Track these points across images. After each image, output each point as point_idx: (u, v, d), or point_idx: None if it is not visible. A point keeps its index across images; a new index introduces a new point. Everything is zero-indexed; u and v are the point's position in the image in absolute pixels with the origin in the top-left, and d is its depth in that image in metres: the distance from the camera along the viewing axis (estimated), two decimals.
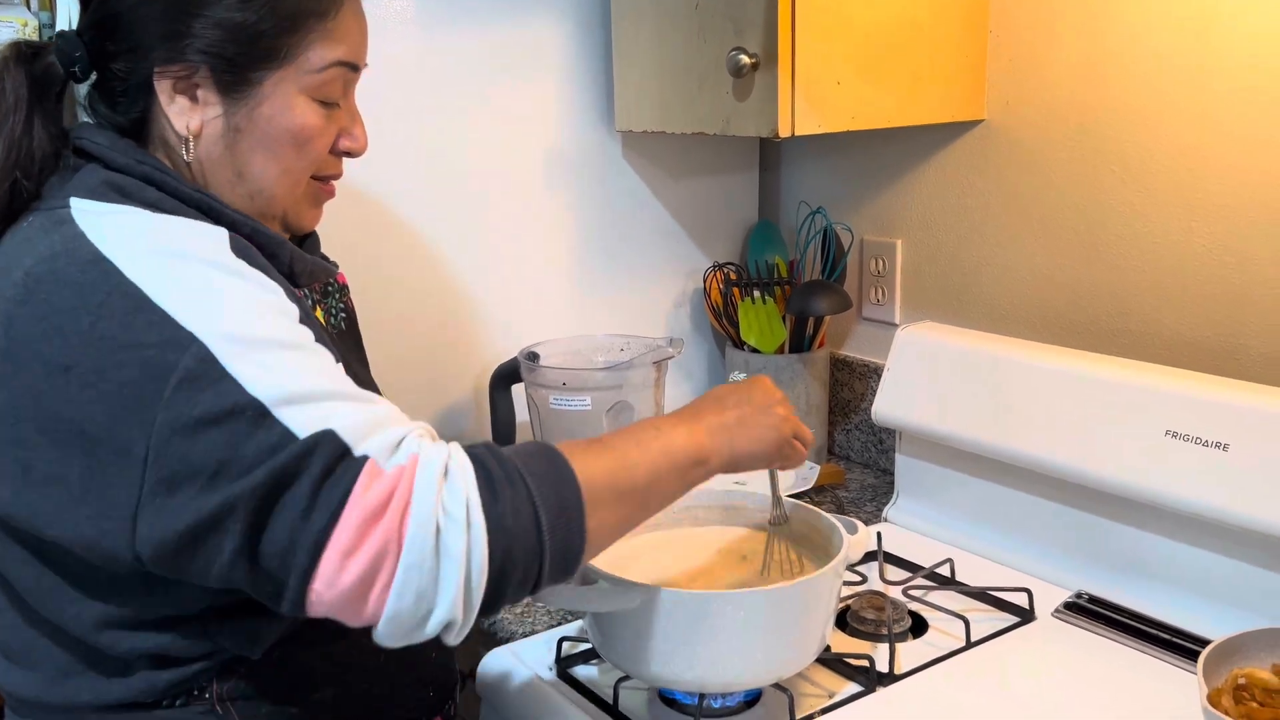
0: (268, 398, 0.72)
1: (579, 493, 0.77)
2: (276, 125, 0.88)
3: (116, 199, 0.83)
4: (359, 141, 0.96)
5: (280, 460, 0.70)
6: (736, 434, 0.92)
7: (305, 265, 0.94)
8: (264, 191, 0.91)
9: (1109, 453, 1.17)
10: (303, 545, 0.70)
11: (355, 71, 0.93)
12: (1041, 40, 1.35)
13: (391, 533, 0.70)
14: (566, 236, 1.55)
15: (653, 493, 0.85)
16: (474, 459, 0.75)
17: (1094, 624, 1.15)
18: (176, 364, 0.72)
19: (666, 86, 1.39)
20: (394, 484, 0.71)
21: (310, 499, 0.70)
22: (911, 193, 1.55)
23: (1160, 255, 1.28)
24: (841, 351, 1.69)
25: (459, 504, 0.72)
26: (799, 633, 0.98)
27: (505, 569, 0.73)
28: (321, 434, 0.72)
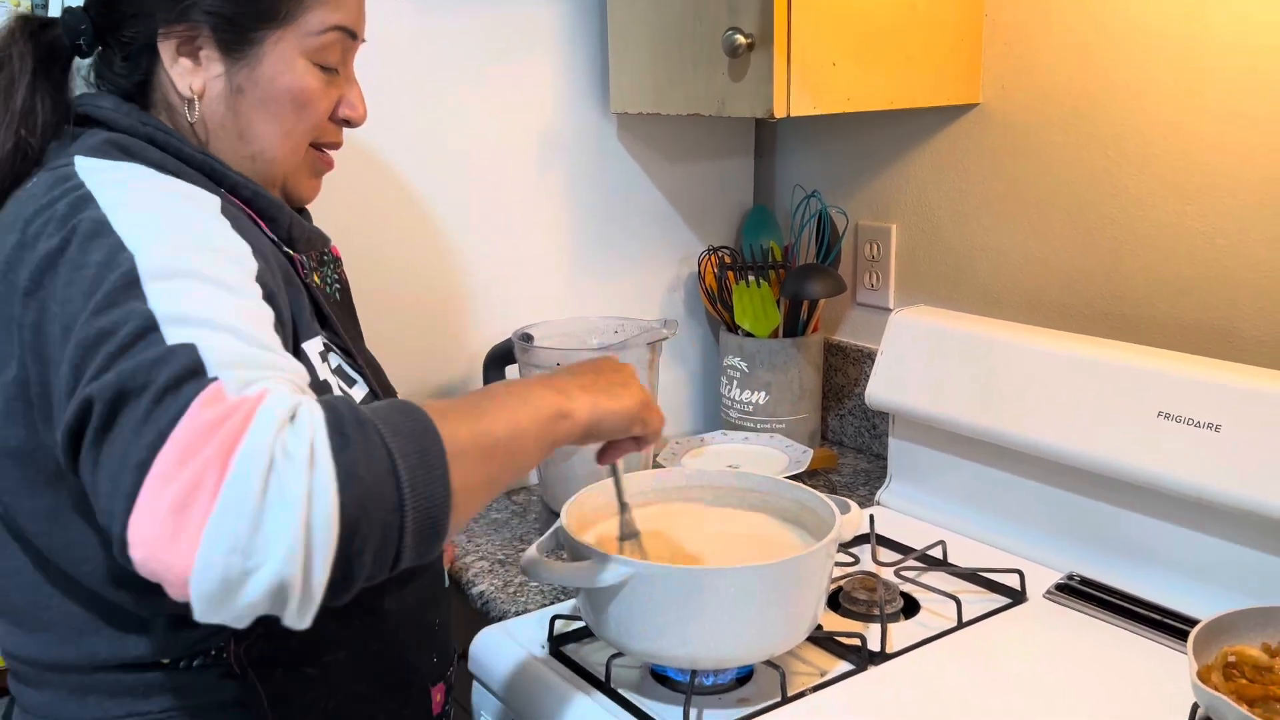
0: (163, 314, 0.69)
1: (439, 442, 0.69)
2: (277, 85, 0.91)
3: (120, 156, 0.84)
4: (357, 110, 0.98)
5: (134, 363, 0.66)
6: (598, 393, 0.87)
7: (303, 232, 0.95)
8: (265, 153, 0.93)
9: (1101, 434, 1.17)
10: (130, 461, 0.63)
11: (353, 39, 0.95)
12: (1036, 23, 1.35)
13: (212, 459, 0.61)
14: (561, 218, 1.55)
15: (515, 447, 0.77)
16: (325, 405, 0.67)
17: (1085, 605, 1.16)
18: (103, 281, 0.71)
19: (662, 67, 1.39)
20: (231, 411, 0.63)
21: (146, 413, 0.64)
22: (906, 177, 1.55)
23: (1153, 238, 1.28)
24: (836, 336, 1.69)
25: (302, 444, 0.63)
26: (791, 609, 0.98)
27: (358, 524, 0.64)
28: (180, 346, 0.66)
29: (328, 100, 0.94)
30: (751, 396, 1.59)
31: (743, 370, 1.59)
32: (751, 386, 1.59)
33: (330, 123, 0.96)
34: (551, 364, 1.33)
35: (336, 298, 1.04)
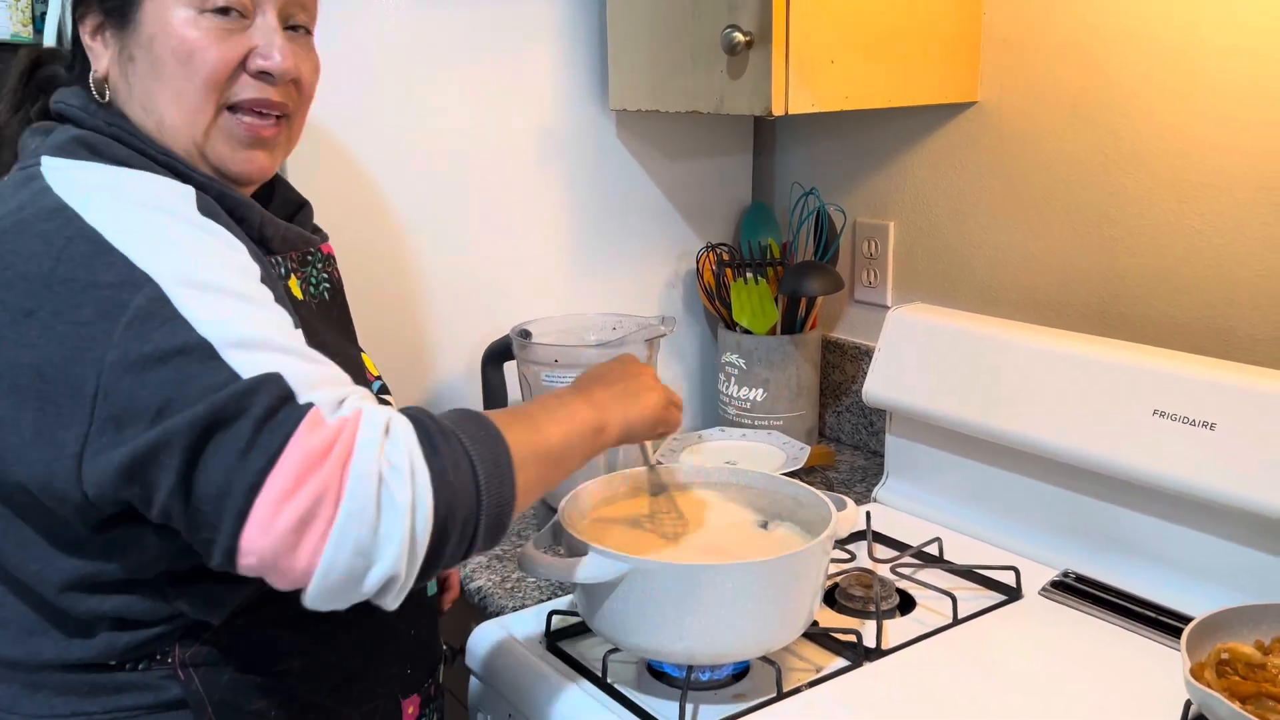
0: (217, 339, 0.72)
1: (508, 450, 0.79)
2: (159, 44, 0.86)
3: (85, 155, 0.84)
4: (272, 60, 0.88)
5: (222, 397, 0.70)
6: (626, 404, 0.96)
7: (277, 231, 0.93)
8: (165, 121, 0.87)
9: (1097, 432, 1.17)
10: (239, 486, 0.69)
11: None
12: (1034, 24, 1.35)
13: (331, 479, 0.69)
14: (560, 215, 1.56)
15: (564, 457, 0.88)
16: (413, 419, 0.76)
17: (1080, 602, 1.16)
18: (129, 303, 0.72)
19: (661, 64, 1.39)
20: (337, 433, 0.71)
21: (250, 439, 0.69)
22: (904, 175, 1.56)
23: (1150, 237, 1.29)
24: (833, 334, 1.70)
25: (402, 456, 0.72)
26: (787, 605, 0.99)
27: (448, 523, 0.74)
28: (267, 375, 0.71)
29: (223, 50, 0.86)
30: (749, 393, 1.59)
31: (740, 367, 1.60)
32: (749, 383, 1.59)
33: (245, 79, 0.88)
34: (549, 360, 1.33)
35: (325, 297, 1.02)
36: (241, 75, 0.88)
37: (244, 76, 0.88)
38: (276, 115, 0.91)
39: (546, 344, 1.36)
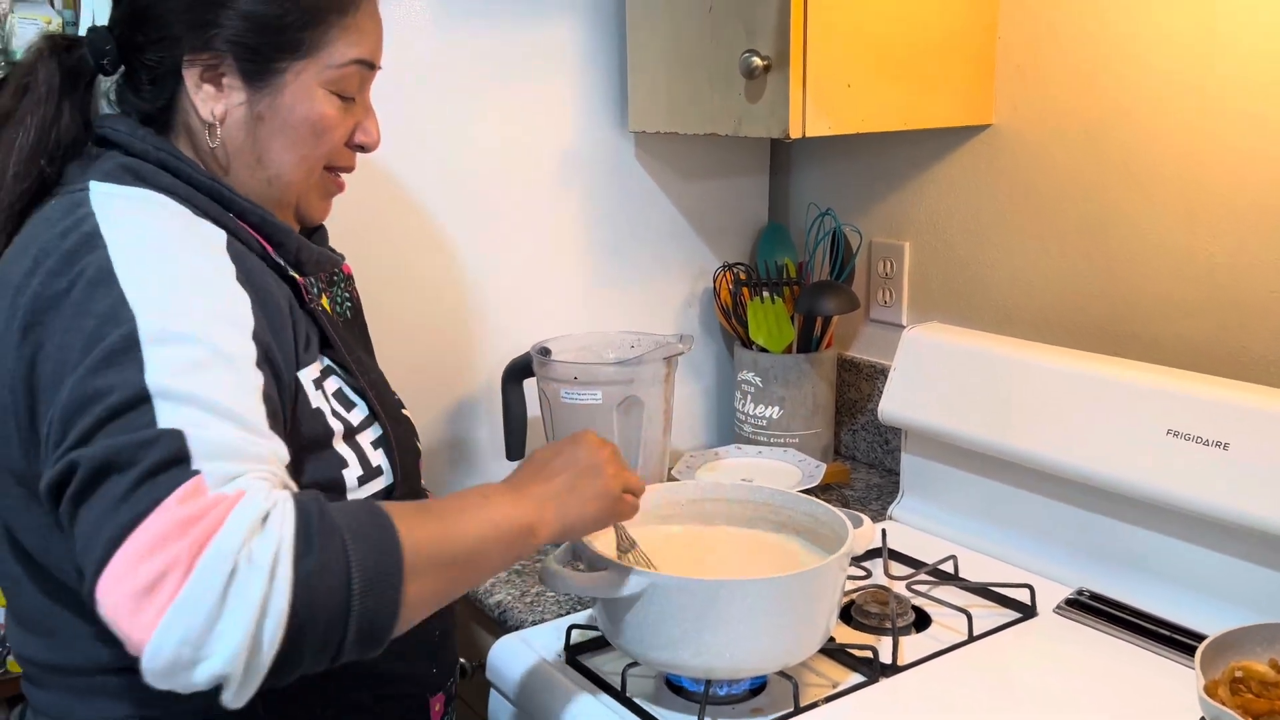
0: (155, 386, 0.73)
1: (399, 559, 0.75)
2: (296, 114, 0.93)
3: (132, 181, 0.87)
4: (372, 136, 1.00)
5: (122, 442, 0.71)
6: (566, 501, 0.92)
7: (311, 255, 0.98)
8: (281, 177, 0.95)
9: (1111, 452, 1.18)
10: (104, 534, 0.69)
11: (371, 70, 0.98)
12: (1048, 48, 1.37)
13: (182, 555, 0.67)
14: (579, 235, 1.58)
15: (476, 563, 0.84)
16: (299, 509, 0.72)
17: (1095, 620, 1.17)
18: (106, 337, 0.75)
19: (679, 87, 1.42)
20: (206, 510, 0.69)
21: (128, 491, 0.69)
22: (920, 196, 1.57)
23: (1163, 260, 1.30)
24: (849, 353, 1.71)
25: (267, 552, 0.68)
26: (804, 621, 1.00)
27: (304, 628, 0.69)
28: (171, 432, 0.72)
29: (344, 127, 0.97)
30: (765, 411, 1.61)
31: (757, 385, 1.61)
32: (765, 401, 1.61)
33: (344, 148, 0.99)
34: (569, 377, 1.35)
35: (347, 315, 1.06)
36: (342, 145, 0.98)
37: (344, 148, 0.99)
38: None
39: (566, 361, 1.38)
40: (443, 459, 1.51)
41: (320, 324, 0.95)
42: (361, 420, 0.94)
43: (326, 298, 1.02)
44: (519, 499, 0.89)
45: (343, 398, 0.94)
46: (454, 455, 1.52)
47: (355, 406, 0.95)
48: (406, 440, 0.99)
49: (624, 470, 0.99)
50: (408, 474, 0.96)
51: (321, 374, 0.93)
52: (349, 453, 0.91)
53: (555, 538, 0.92)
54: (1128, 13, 1.28)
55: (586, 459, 0.95)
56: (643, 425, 1.37)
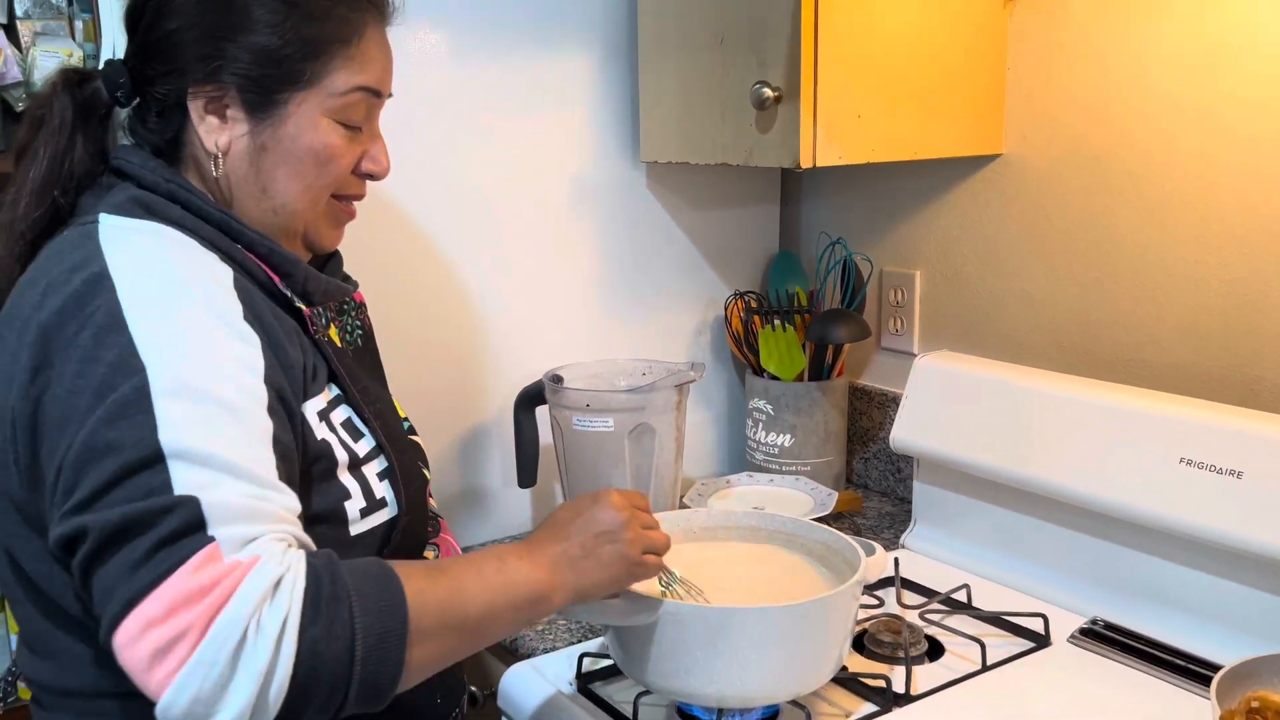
0: (169, 445, 0.75)
1: (405, 625, 0.77)
2: (300, 144, 0.93)
3: (142, 214, 0.88)
4: (380, 164, 1.00)
5: (139, 507, 0.74)
6: (581, 565, 0.91)
7: (320, 285, 0.98)
8: (286, 206, 0.95)
9: (1124, 480, 1.18)
10: (120, 595, 0.72)
11: (378, 97, 0.98)
12: (1058, 77, 1.38)
13: (196, 623, 0.71)
14: (592, 264, 1.59)
15: (485, 627, 0.85)
16: (310, 574, 0.75)
17: (1109, 650, 1.16)
18: (116, 387, 0.77)
19: (691, 118, 1.43)
20: (221, 577, 0.72)
21: (144, 556, 0.73)
22: (930, 224, 1.58)
23: (1174, 287, 1.30)
24: (860, 381, 1.72)
25: (276, 620, 0.72)
26: (817, 650, 1.00)
27: (308, 689, 0.73)
28: (187, 499, 0.74)
29: (350, 156, 0.96)
30: (777, 439, 1.61)
31: (768, 413, 1.61)
32: (777, 429, 1.61)
33: (352, 176, 0.98)
34: (581, 405, 1.36)
35: (358, 344, 1.06)
36: (349, 174, 0.98)
37: (351, 176, 0.98)
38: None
39: (578, 389, 1.38)
40: (455, 486, 1.51)
41: (326, 355, 0.96)
42: (368, 451, 0.94)
43: (336, 327, 1.03)
44: (535, 562, 0.89)
45: (351, 428, 0.94)
46: (466, 482, 1.53)
47: (363, 437, 0.95)
48: (412, 469, 0.98)
49: (643, 532, 0.96)
50: (412, 504, 0.96)
51: (329, 404, 0.93)
52: (353, 484, 0.92)
53: (569, 602, 0.91)
54: (1135, 39, 1.29)
55: (605, 522, 0.93)
56: (654, 453, 1.37)
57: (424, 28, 1.39)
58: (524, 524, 1.58)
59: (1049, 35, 1.38)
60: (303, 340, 0.93)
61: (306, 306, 0.96)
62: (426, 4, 1.38)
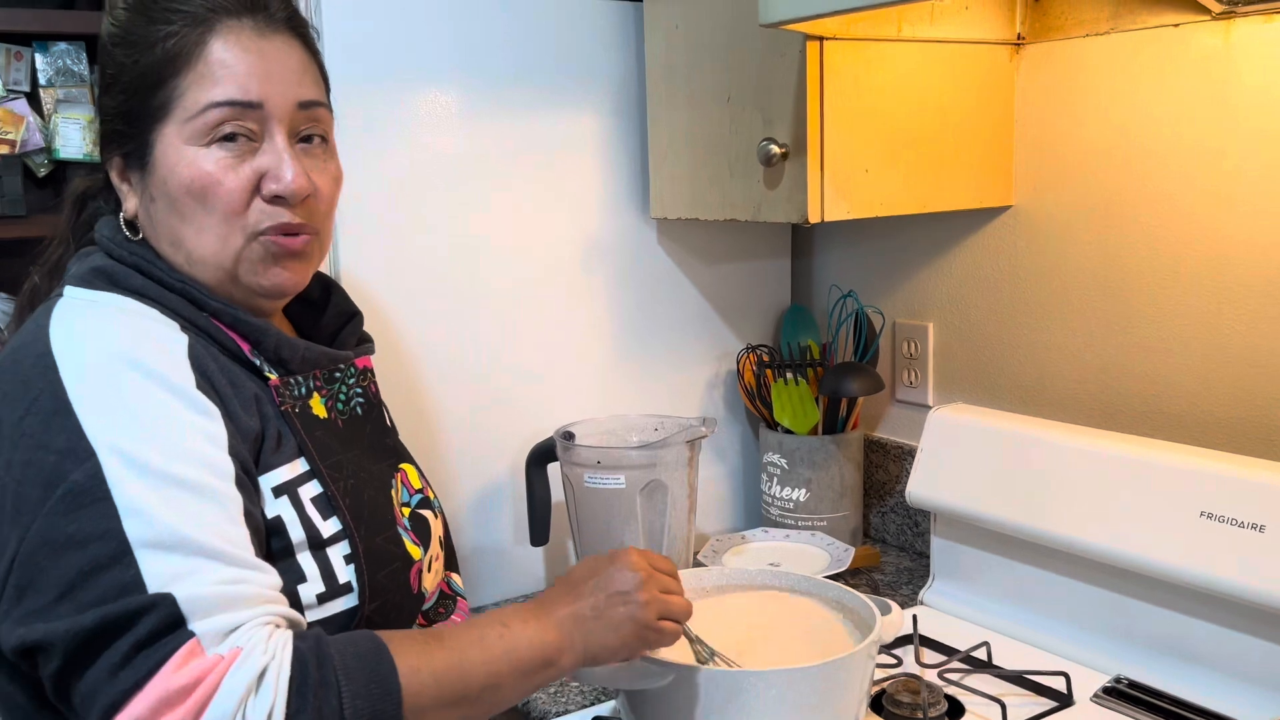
0: (136, 536, 0.74)
1: (398, 705, 0.76)
2: (172, 183, 0.88)
3: (103, 285, 0.88)
4: (284, 181, 0.88)
5: (114, 610, 0.72)
6: (591, 627, 0.88)
7: (295, 352, 0.93)
8: (194, 254, 0.89)
9: (1143, 534, 1.16)
10: (102, 700, 0.72)
11: (250, 108, 0.87)
12: (1066, 127, 1.38)
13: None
14: (603, 319, 1.59)
15: (489, 696, 0.82)
16: (295, 660, 0.74)
17: (1133, 709, 1.14)
18: (68, 475, 0.75)
19: (699, 175, 1.44)
20: (204, 673, 0.71)
21: (124, 658, 0.72)
22: (942, 276, 1.58)
23: (1190, 336, 1.29)
24: (876, 433, 1.70)
25: (261, 714, 0.71)
26: (831, 711, 0.98)
27: None
28: (161, 597, 0.73)
29: (235, 181, 0.87)
30: (792, 494, 1.60)
31: (783, 467, 1.60)
32: (792, 483, 1.60)
33: (262, 202, 0.88)
34: (592, 462, 1.35)
35: (356, 412, 0.99)
36: (256, 200, 0.88)
37: (258, 202, 0.88)
38: (302, 232, 0.92)
39: (589, 446, 1.38)
40: (468, 543, 1.51)
41: (294, 428, 0.91)
42: (335, 532, 0.89)
43: (321, 396, 0.96)
44: (542, 624, 0.86)
45: (323, 503, 0.89)
46: (479, 540, 1.52)
47: (333, 515, 0.90)
48: (385, 553, 0.92)
49: (661, 596, 0.91)
50: (382, 589, 0.91)
51: (298, 478, 0.89)
52: (312, 566, 0.87)
53: (578, 665, 0.88)
54: (1145, 88, 1.29)
55: (620, 582, 0.90)
56: (667, 510, 1.36)
57: (434, 87, 1.41)
58: (537, 583, 1.57)
59: (1057, 86, 1.38)
60: (263, 409, 0.89)
61: (280, 375, 0.92)
62: (436, 64, 1.40)
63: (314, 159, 0.93)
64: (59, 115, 1.97)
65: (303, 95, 0.91)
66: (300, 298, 1.04)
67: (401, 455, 1.06)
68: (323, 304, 1.07)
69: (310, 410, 0.94)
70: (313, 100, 0.92)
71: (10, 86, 1.94)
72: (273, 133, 0.89)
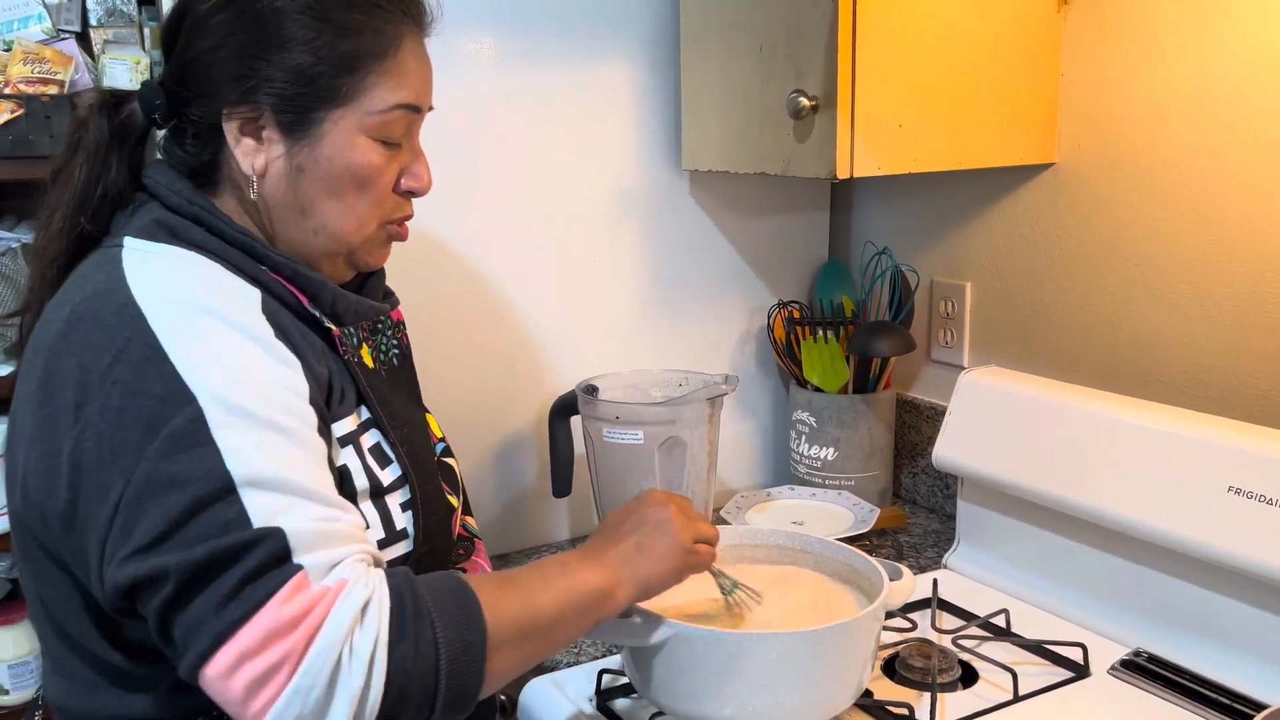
0: (239, 475, 0.75)
1: (484, 636, 0.79)
2: (337, 164, 0.91)
3: (165, 238, 0.88)
4: (421, 181, 0.97)
5: (223, 544, 0.74)
6: (640, 560, 0.93)
7: (349, 305, 0.96)
8: (327, 228, 0.93)
9: (1171, 507, 1.13)
10: (208, 630, 0.73)
11: (418, 113, 0.95)
12: (1113, 84, 1.32)
13: (294, 651, 0.73)
14: (633, 272, 1.58)
15: (556, 631, 0.86)
16: (392, 594, 0.77)
17: (1150, 683, 1.12)
18: (170, 419, 0.76)
19: (731, 127, 1.41)
20: (312, 604, 0.74)
21: (233, 590, 0.73)
22: (981, 235, 1.53)
23: (1233, 305, 1.24)
24: (909, 393, 1.68)
25: (368, 643, 0.74)
26: (835, 676, 0.98)
27: (399, 705, 0.76)
28: (270, 530, 0.75)
29: (390, 174, 0.94)
30: (820, 452, 1.58)
31: (811, 425, 1.59)
32: (820, 442, 1.58)
33: (394, 195, 0.96)
34: (612, 416, 1.34)
35: (394, 363, 1.04)
36: (390, 192, 0.95)
37: (393, 194, 0.96)
38: None
39: (609, 400, 1.37)
40: (491, 494, 1.52)
41: (355, 378, 0.94)
42: (393, 480, 0.93)
43: (368, 347, 1.00)
44: (596, 564, 0.91)
45: (380, 453, 0.93)
46: (502, 491, 1.53)
47: (390, 464, 0.93)
48: (436, 499, 0.97)
49: (692, 521, 0.98)
50: (431, 535, 0.95)
51: (359, 428, 0.92)
52: (373, 513, 0.91)
53: (634, 598, 0.93)
54: (1198, 44, 1.23)
55: (654, 516, 0.96)
56: (685, 466, 1.36)
57: (465, 35, 1.39)
58: (560, 533, 1.58)
59: (1106, 40, 1.32)
60: (330, 361, 0.92)
61: (336, 327, 0.95)
62: (468, 12, 1.38)
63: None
64: (107, 56, 1.99)
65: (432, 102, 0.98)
66: None
67: (423, 405, 1.09)
68: None
69: (363, 361, 0.97)
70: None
71: (61, 26, 1.96)
72: (415, 134, 0.97)
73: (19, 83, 1.77)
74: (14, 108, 1.75)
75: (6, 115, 1.76)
